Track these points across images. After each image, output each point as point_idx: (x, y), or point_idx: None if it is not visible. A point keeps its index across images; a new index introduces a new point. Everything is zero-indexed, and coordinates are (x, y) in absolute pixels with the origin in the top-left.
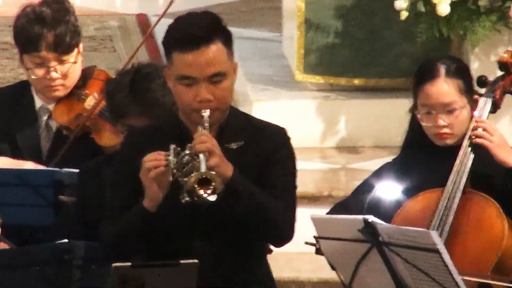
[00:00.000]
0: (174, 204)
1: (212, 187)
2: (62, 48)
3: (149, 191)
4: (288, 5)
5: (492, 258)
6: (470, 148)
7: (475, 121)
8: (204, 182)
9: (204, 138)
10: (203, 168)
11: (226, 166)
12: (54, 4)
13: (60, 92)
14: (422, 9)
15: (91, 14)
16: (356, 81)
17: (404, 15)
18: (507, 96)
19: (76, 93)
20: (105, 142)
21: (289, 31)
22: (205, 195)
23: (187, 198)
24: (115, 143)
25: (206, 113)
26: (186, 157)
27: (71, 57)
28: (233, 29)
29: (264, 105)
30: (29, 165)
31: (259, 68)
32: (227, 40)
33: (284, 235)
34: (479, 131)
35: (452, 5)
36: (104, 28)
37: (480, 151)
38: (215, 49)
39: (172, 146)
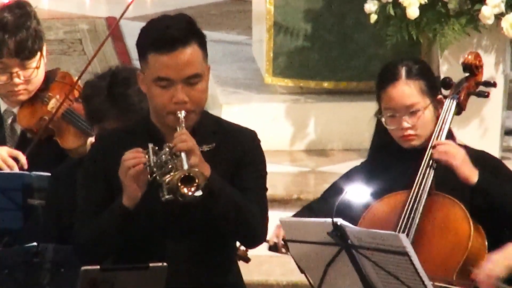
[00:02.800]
0: (149, 203)
1: (195, 184)
2: (24, 54)
3: (128, 189)
4: (257, 8)
5: (458, 259)
6: (432, 160)
7: (435, 144)
8: (187, 180)
9: (185, 137)
10: (185, 166)
11: (205, 166)
12: (16, 9)
13: (23, 96)
14: (392, 12)
15: (61, 17)
16: (326, 84)
17: (373, 18)
18: (476, 98)
19: (39, 96)
20: (68, 145)
21: (259, 34)
22: (189, 193)
23: (167, 196)
24: (78, 145)
25: (181, 114)
26: (165, 156)
27: (34, 62)
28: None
29: (233, 109)
30: (3, 150)
31: (228, 71)
32: (202, 42)
33: (258, 236)
34: (442, 148)
35: (421, 8)
36: (74, 31)
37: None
38: (192, 51)
39: (150, 145)
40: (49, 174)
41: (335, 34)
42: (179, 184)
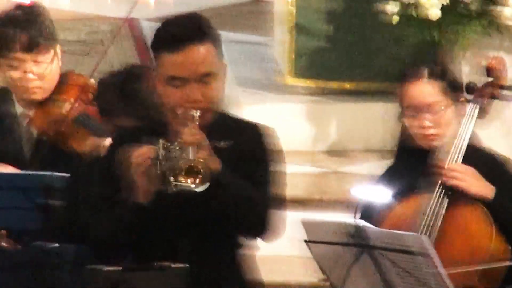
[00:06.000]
0: (159, 199)
1: (200, 176)
2: (37, 48)
3: (140, 185)
4: (279, 9)
5: (480, 263)
6: (444, 189)
7: (441, 168)
8: (193, 171)
9: (193, 131)
10: (191, 157)
11: (214, 160)
12: (27, 8)
13: (38, 95)
14: (413, 13)
15: (82, 18)
16: (347, 85)
17: (395, 19)
18: (497, 100)
19: (53, 98)
20: (82, 148)
21: (280, 35)
22: (192, 185)
23: (174, 189)
24: (91, 149)
25: (195, 112)
26: (174, 152)
27: (47, 58)
28: (222, 33)
29: (253, 109)
30: (8, 168)
31: (249, 72)
32: (216, 41)
33: (266, 227)
34: (450, 174)
35: (442, 9)
36: (95, 32)
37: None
38: (204, 49)
39: (161, 141)
40: (69, 175)
41: (356, 35)
42: (184, 175)
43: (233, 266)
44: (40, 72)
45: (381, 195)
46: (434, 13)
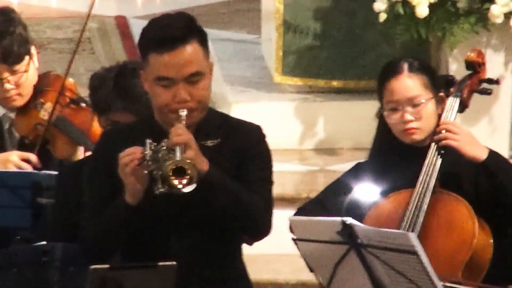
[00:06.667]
0: (150, 199)
1: (187, 177)
2: (11, 59)
3: (128, 185)
4: (267, 7)
5: (463, 257)
6: (437, 150)
7: (438, 124)
8: (180, 172)
9: (180, 131)
10: (178, 157)
11: (202, 160)
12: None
13: (18, 102)
14: (401, 11)
15: (70, 16)
16: (335, 83)
17: (383, 17)
18: (484, 97)
19: (33, 102)
20: (58, 153)
21: (268, 33)
22: (179, 186)
23: (161, 189)
24: (68, 155)
25: (183, 112)
26: (162, 151)
27: (22, 66)
28: (212, 31)
29: (242, 107)
30: (14, 154)
31: (238, 70)
32: (203, 40)
33: (262, 228)
34: (443, 133)
35: (430, 7)
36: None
37: (448, 151)
38: (192, 49)
39: (148, 141)
40: (57, 172)
41: (344, 32)
42: (171, 175)
43: (235, 266)
44: (16, 81)
45: (366, 191)
46: (422, 11)
